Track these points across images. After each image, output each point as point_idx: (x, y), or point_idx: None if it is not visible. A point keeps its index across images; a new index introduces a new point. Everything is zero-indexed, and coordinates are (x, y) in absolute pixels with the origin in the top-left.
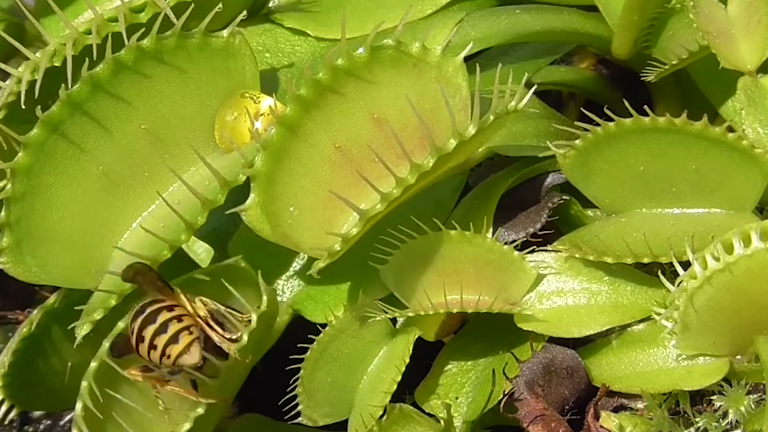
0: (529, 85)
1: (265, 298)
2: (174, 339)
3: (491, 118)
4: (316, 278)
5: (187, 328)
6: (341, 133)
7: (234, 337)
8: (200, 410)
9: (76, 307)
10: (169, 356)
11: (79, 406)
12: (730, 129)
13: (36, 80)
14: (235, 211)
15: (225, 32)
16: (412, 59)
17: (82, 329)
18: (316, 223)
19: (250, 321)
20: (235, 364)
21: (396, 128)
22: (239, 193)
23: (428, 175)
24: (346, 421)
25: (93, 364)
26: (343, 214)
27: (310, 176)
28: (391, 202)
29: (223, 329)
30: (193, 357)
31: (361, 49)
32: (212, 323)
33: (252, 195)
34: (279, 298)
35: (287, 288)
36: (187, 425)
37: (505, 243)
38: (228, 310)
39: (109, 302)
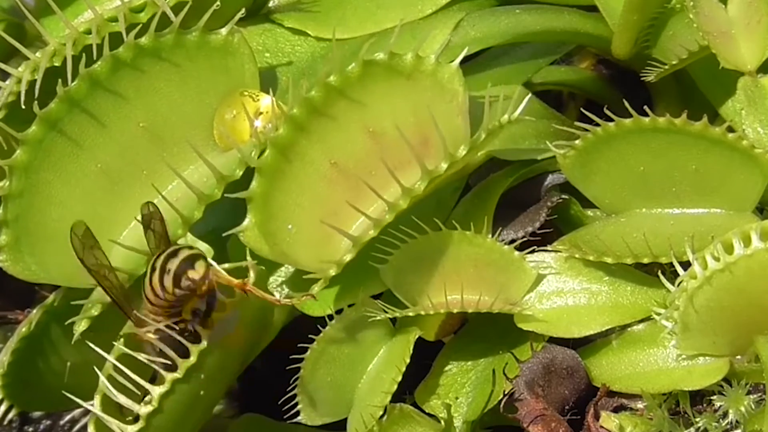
0: (528, 86)
1: (252, 274)
2: (186, 262)
3: (483, 136)
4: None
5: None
6: (336, 149)
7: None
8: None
9: (74, 302)
10: (175, 275)
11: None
12: (730, 129)
13: (36, 80)
14: (233, 232)
15: (223, 30)
16: (405, 71)
17: (80, 325)
18: (314, 239)
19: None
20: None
21: (392, 140)
22: (240, 199)
23: (421, 195)
24: (346, 420)
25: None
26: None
27: (306, 193)
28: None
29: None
30: (198, 272)
31: (353, 65)
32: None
33: (249, 216)
34: (278, 294)
35: (286, 284)
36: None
37: (505, 243)
38: None
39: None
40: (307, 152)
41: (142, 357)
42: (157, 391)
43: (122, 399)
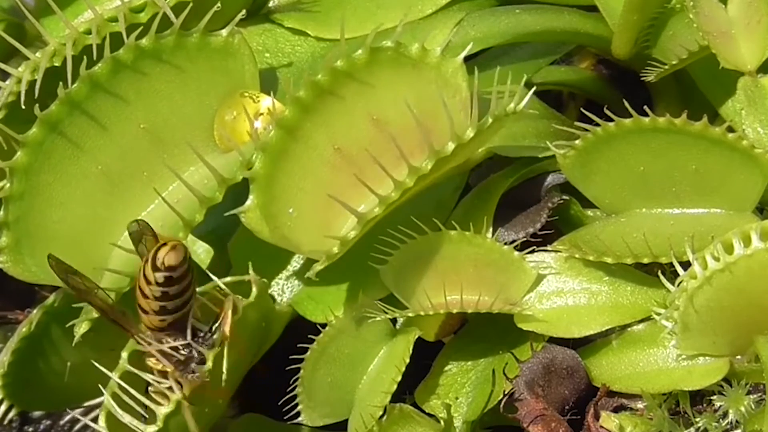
0: (528, 85)
1: (254, 290)
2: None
3: (489, 120)
4: (316, 279)
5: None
6: (340, 135)
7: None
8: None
9: (74, 305)
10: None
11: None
12: (730, 129)
13: (36, 80)
14: (234, 212)
15: (224, 31)
16: (411, 60)
17: (81, 327)
18: (315, 224)
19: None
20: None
21: (396, 129)
22: (239, 194)
23: (427, 177)
24: (346, 421)
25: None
26: (342, 215)
27: (309, 178)
28: (390, 204)
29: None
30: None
31: (360, 51)
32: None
33: (251, 197)
34: (279, 298)
35: (287, 288)
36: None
37: (505, 243)
38: None
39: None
40: (311, 135)
41: (147, 377)
42: (162, 410)
43: (127, 419)
